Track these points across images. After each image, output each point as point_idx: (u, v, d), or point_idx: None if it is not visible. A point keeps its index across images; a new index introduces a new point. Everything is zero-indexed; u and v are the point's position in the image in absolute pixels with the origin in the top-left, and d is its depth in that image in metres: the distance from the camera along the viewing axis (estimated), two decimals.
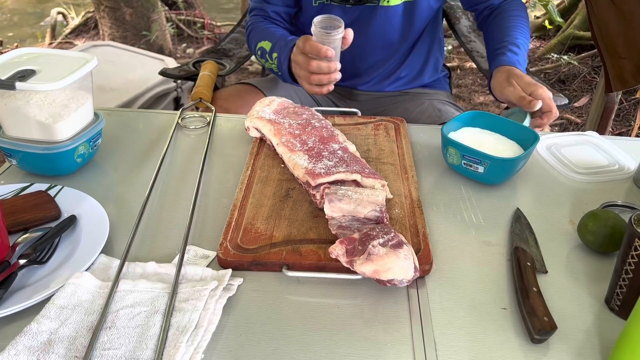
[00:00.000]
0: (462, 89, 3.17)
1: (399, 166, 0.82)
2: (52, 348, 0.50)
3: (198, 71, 1.28)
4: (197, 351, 0.51)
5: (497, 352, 0.53)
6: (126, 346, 0.51)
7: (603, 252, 0.67)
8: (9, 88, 0.70)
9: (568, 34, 3.27)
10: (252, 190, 0.75)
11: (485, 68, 1.32)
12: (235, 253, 0.63)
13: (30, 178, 0.79)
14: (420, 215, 0.70)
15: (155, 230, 0.70)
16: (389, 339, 0.54)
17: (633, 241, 0.54)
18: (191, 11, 4.06)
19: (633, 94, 2.71)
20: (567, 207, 0.77)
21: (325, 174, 0.72)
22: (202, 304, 0.55)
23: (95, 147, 0.83)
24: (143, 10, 3.47)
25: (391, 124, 0.95)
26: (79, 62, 0.76)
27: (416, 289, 0.61)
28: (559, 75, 3.10)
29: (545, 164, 0.88)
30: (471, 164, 0.78)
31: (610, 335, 0.56)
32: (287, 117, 0.88)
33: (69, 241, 0.66)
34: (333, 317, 0.57)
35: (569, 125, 2.72)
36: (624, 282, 0.56)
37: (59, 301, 0.55)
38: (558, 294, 0.61)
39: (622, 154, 0.89)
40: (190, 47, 3.89)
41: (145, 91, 2.10)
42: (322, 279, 0.62)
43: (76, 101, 0.77)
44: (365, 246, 0.58)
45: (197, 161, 0.84)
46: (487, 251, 0.67)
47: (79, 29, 4.14)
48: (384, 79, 1.18)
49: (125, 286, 0.58)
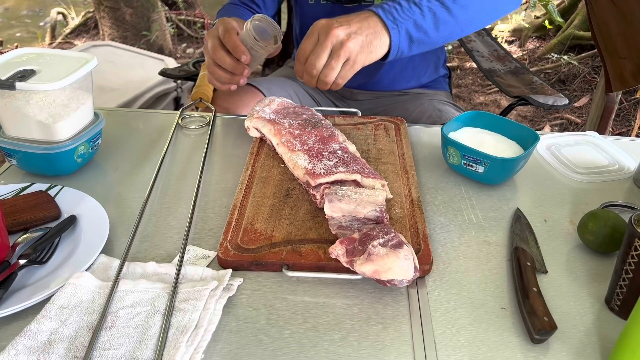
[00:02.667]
0: (462, 89, 3.17)
1: (399, 166, 0.82)
2: (52, 348, 0.50)
3: (198, 71, 1.28)
4: (197, 351, 0.51)
5: (497, 352, 0.53)
6: (126, 346, 0.51)
7: (603, 252, 0.67)
8: (9, 88, 0.70)
9: (568, 34, 3.27)
10: (252, 190, 0.75)
11: (486, 68, 1.32)
12: (235, 253, 0.63)
13: (30, 178, 0.80)
14: (420, 215, 0.70)
15: (155, 230, 0.70)
16: (389, 339, 0.54)
17: (633, 241, 0.54)
18: (191, 11, 4.07)
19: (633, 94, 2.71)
20: (567, 207, 0.77)
21: (325, 174, 0.72)
22: (202, 304, 0.55)
23: (95, 147, 0.83)
24: (143, 10, 3.47)
25: (391, 124, 0.95)
26: (79, 62, 0.76)
27: (416, 289, 0.61)
28: (559, 75, 3.11)
29: (545, 164, 0.88)
30: (471, 164, 0.78)
31: (610, 335, 0.56)
32: (287, 117, 0.88)
33: (69, 241, 0.66)
34: (333, 317, 0.57)
35: (569, 125, 2.72)
36: (624, 282, 0.56)
37: (59, 301, 0.55)
38: (558, 294, 0.61)
39: (622, 154, 0.89)
40: (190, 47, 3.89)
41: (145, 91, 2.10)
42: (322, 279, 0.62)
43: (76, 101, 0.77)
44: (365, 246, 0.58)
45: (197, 161, 0.85)
46: (487, 251, 0.67)
47: (79, 29, 4.14)
48: (383, 80, 1.18)
49: (125, 286, 0.58)
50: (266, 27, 0.86)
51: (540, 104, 1.14)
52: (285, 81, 1.21)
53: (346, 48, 0.74)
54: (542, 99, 1.15)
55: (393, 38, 0.78)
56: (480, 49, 1.40)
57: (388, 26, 0.77)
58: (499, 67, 1.32)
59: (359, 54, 0.75)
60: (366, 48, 0.76)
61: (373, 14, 0.77)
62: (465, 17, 0.84)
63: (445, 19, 0.81)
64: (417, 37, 0.80)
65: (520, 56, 3.46)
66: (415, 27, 0.79)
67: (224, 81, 0.88)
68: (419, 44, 0.81)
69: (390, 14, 0.77)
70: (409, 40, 0.80)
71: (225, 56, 0.85)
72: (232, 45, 0.83)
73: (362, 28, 0.76)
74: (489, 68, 1.31)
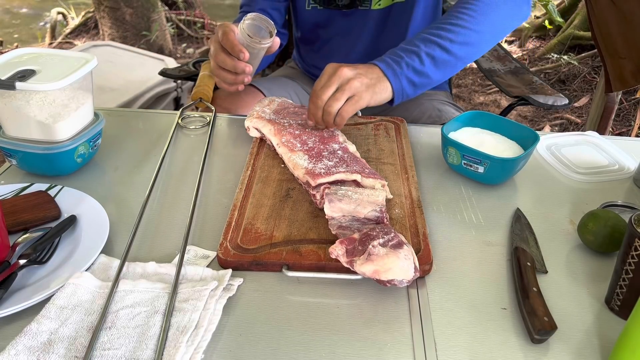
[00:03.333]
0: (462, 89, 3.17)
1: (399, 166, 0.82)
2: (52, 348, 0.50)
3: (198, 71, 1.28)
4: (197, 351, 0.51)
5: (497, 352, 0.53)
6: (126, 346, 0.51)
7: (603, 252, 0.67)
8: (9, 88, 0.70)
9: (568, 34, 3.27)
10: (252, 190, 0.75)
11: (486, 68, 1.32)
12: (235, 253, 0.63)
13: (30, 178, 0.79)
14: (420, 215, 0.70)
15: (155, 230, 0.70)
16: (389, 339, 0.54)
17: (633, 241, 0.54)
18: (191, 11, 4.07)
19: (633, 94, 2.71)
20: (567, 207, 0.77)
21: (325, 174, 0.72)
22: (202, 304, 0.55)
23: (95, 147, 0.83)
24: (143, 10, 3.47)
25: (391, 124, 0.95)
26: (79, 62, 0.76)
27: (416, 289, 0.61)
28: (559, 75, 3.11)
29: (545, 164, 0.88)
30: (471, 164, 0.78)
31: (610, 335, 0.56)
32: (287, 117, 0.88)
33: (69, 241, 0.66)
34: (333, 317, 0.57)
35: (569, 125, 2.72)
36: (624, 282, 0.56)
37: (59, 301, 0.55)
38: (558, 294, 0.61)
39: (622, 154, 0.89)
40: (190, 47, 3.89)
41: (145, 91, 2.10)
42: (322, 279, 0.62)
43: (76, 101, 0.77)
44: (365, 246, 0.58)
45: (197, 161, 0.84)
46: (487, 251, 0.67)
47: (79, 29, 4.14)
48: None
49: (125, 286, 0.58)
50: (259, 24, 0.88)
51: (540, 104, 1.14)
52: (285, 81, 1.21)
53: (352, 84, 0.79)
54: (542, 99, 1.15)
55: (395, 87, 0.84)
56: None
57: (389, 77, 0.83)
58: (499, 67, 1.32)
59: (364, 92, 0.80)
60: (370, 89, 0.81)
61: (376, 66, 0.84)
62: (466, 53, 0.87)
63: (445, 60, 0.86)
64: (419, 82, 0.86)
65: (520, 56, 3.46)
66: (415, 73, 0.85)
67: (230, 82, 0.91)
68: (423, 86, 0.87)
69: (390, 66, 0.84)
70: (411, 85, 0.85)
71: (226, 58, 0.88)
72: (229, 46, 0.86)
73: (368, 72, 0.82)
74: (489, 68, 1.31)
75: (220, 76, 0.91)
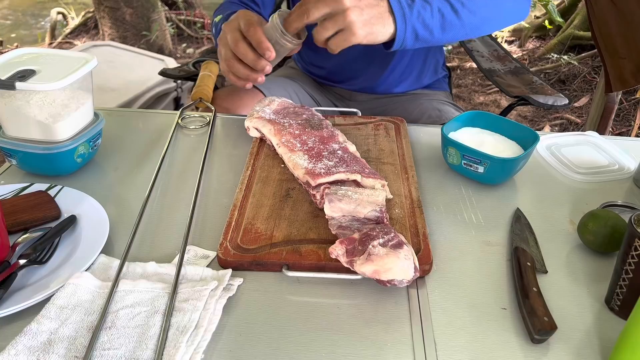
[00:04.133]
0: (462, 89, 3.17)
1: (399, 166, 0.82)
2: (52, 348, 0.50)
3: (198, 71, 1.28)
4: (197, 351, 0.51)
5: (497, 352, 0.53)
6: (126, 346, 0.51)
7: (603, 252, 0.67)
8: (9, 88, 0.70)
9: (568, 34, 3.28)
10: (252, 190, 0.75)
11: (486, 68, 1.32)
12: (235, 253, 0.63)
13: (30, 178, 0.79)
14: (420, 215, 0.70)
15: (155, 230, 0.70)
16: (389, 339, 0.54)
17: (633, 241, 0.54)
18: (191, 11, 4.07)
19: (633, 94, 2.71)
20: (567, 207, 0.77)
21: (325, 174, 0.72)
22: (202, 304, 0.55)
23: (95, 147, 0.83)
24: (143, 10, 3.47)
25: (391, 124, 0.95)
26: (79, 62, 0.76)
27: (416, 289, 0.61)
28: (559, 75, 3.11)
29: (545, 164, 0.88)
30: (471, 164, 0.78)
31: (610, 335, 0.56)
32: (287, 117, 0.88)
33: (69, 241, 0.66)
34: (333, 317, 0.57)
35: (569, 125, 2.72)
36: (624, 282, 0.56)
37: (59, 301, 0.55)
38: (558, 294, 0.61)
39: (622, 154, 0.89)
40: (190, 47, 3.89)
41: (145, 91, 2.10)
42: (322, 279, 0.62)
43: (76, 101, 0.77)
44: (365, 246, 0.58)
45: (197, 161, 0.84)
46: (487, 251, 0.67)
47: (79, 29, 4.14)
48: (383, 82, 1.18)
49: (125, 286, 0.58)
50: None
51: (540, 104, 1.14)
52: (285, 81, 1.21)
53: (347, 16, 0.71)
54: (542, 99, 1.15)
55: (399, 33, 0.77)
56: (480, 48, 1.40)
57: (396, 19, 0.76)
58: (499, 67, 1.32)
59: (359, 29, 0.73)
60: (367, 27, 0.74)
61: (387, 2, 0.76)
62: (472, 22, 0.84)
63: (453, 22, 0.82)
64: (423, 36, 0.80)
65: (520, 56, 3.46)
66: (423, 26, 0.79)
67: (242, 76, 0.82)
68: (423, 42, 0.81)
69: (402, 7, 0.76)
70: (414, 37, 0.80)
71: (249, 50, 0.79)
72: (257, 40, 0.77)
73: (371, 7, 0.74)
74: (489, 68, 1.31)
75: (234, 67, 0.81)
